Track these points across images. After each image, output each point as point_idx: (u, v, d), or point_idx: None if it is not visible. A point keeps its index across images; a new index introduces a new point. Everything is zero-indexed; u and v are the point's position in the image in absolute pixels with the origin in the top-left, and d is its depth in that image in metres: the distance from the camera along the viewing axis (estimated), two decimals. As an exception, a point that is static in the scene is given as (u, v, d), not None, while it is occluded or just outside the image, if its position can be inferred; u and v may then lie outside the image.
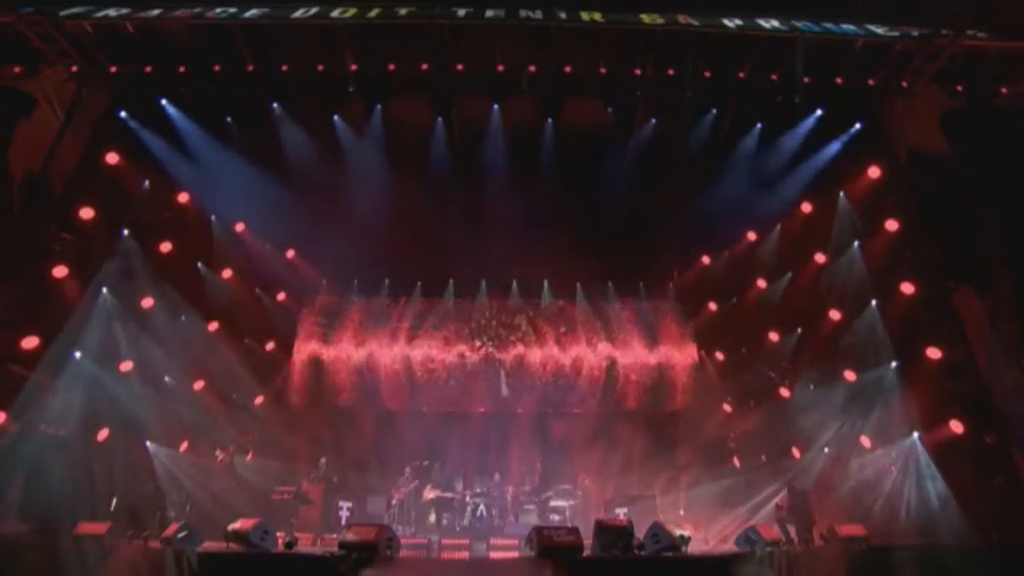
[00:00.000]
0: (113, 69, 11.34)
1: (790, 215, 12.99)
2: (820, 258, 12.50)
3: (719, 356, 13.92)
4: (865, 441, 10.81)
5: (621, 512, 11.34)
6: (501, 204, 12.96)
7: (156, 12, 10.99)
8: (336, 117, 12.47)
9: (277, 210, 12.56)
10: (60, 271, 10.32)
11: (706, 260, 14.25)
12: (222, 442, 11.63)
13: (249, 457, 12.08)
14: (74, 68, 11.11)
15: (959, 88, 11.03)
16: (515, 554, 9.72)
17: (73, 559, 7.77)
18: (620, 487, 12.53)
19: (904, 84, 11.46)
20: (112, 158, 11.31)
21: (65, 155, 10.86)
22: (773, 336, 13.21)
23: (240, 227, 13.17)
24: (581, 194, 13.26)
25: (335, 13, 11.14)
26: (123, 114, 11.54)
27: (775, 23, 11.31)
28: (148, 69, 11.42)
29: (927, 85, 11.35)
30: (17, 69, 10.98)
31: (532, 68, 11.72)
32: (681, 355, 14.13)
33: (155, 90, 11.60)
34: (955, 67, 11.11)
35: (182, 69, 11.52)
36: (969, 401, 9.98)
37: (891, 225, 11.41)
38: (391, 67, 11.76)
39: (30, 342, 9.74)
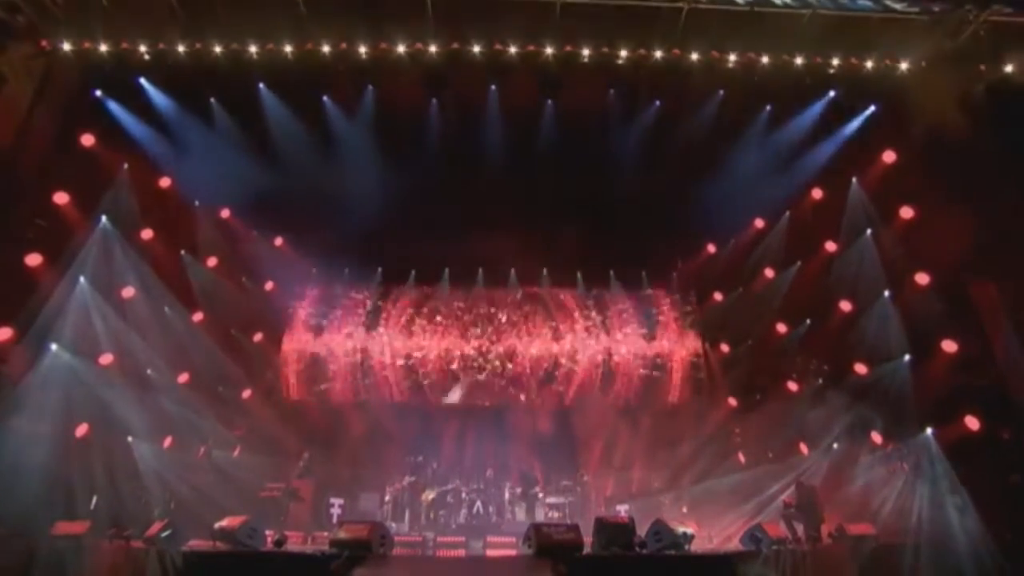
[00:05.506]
0: (86, 44, 10.79)
1: (799, 202, 12.68)
2: (831, 247, 12.20)
3: (724, 348, 13.61)
4: (876, 437, 10.53)
5: (622, 509, 11.16)
6: (498, 189, 12.60)
7: (132, -17, 10.42)
8: (325, 98, 12.05)
9: (264, 195, 12.17)
10: (34, 259, 9.99)
11: (711, 248, 13.93)
12: (206, 437, 11.30)
13: (236, 452, 11.71)
14: (44, 43, 10.59)
15: (982, 67, 10.53)
16: (513, 552, 9.49)
17: (51, 560, 7.48)
18: (621, 483, 12.28)
19: (923, 63, 11.01)
20: (88, 140, 10.92)
21: (37, 136, 10.43)
22: (780, 328, 12.92)
23: (225, 213, 12.80)
24: (581, 179, 12.87)
25: (324, -13, 10.62)
26: (98, 93, 11.09)
27: (787, -1, 10.79)
28: (124, 45, 10.87)
29: (947, 64, 10.86)
30: (-19, 43, 10.44)
31: (531, 47, 11.27)
32: (681, 347, 13.80)
33: (133, 68, 11.10)
34: (978, 44, 10.60)
35: (161, 45, 10.97)
36: (985, 396, 9.72)
37: (906, 212, 11.10)
38: (383, 45, 11.24)
39: (3, 333, 9.41)
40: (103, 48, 10.82)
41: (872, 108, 11.49)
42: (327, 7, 10.81)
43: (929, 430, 9.67)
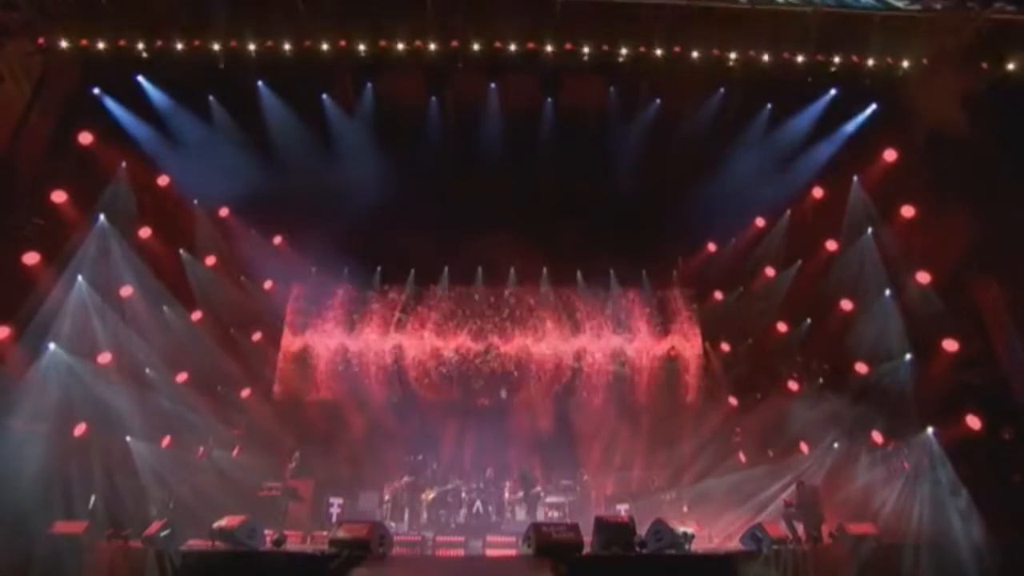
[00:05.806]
0: (84, 42, 10.71)
1: (800, 200, 12.65)
2: (831, 246, 12.15)
3: (724, 347, 13.55)
4: (877, 437, 10.49)
5: (622, 508, 11.11)
6: (498, 187, 12.55)
7: (130, -20, 10.36)
8: (325, 96, 12.00)
9: (263, 194, 12.10)
10: (31, 258, 9.93)
11: (712, 247, 13.84)
12: (205, 437, 11.25)
13: (235, 452, 11.66)
14: (40, 41, 10.52)
15: (984, 65, 10.47)
16: (512, 552, 9.44)
17: (49, 559, 7.46)
18: (621, 483, 12.22)
19: (924, 61, 10.95)
20: (85, 138, 10.85)
21: (34, 134, 10.38)
22: (781, 327, 12.87)
23: (224, 212, 12.73)
24: (581, 177, 12.82)
25: (323, -15, 10.55)
26: (96, 91, 11.02)
27: (789, -4, 10.73)
28: (122, 42, 10.79)
29: (949, 62, 10.80)
30: (-23, 42, 10.37)
31: (531, 44, 11.20)
32: (690, 346, 13.71)
33: (131, 65, 11.03)
34: (980, 42, 10.55)
35: (159, 43, 10.88)
36: (986, 395, 9.68)
37: (907, 211, 11.05)
38: (382, 43, 11.18)
39: (1, 332, 9.35)
40: (101, 45, 10.73)
41: (873, 106, 11.45)
42: (326, 5, 10.73)
43: (930, 429, 9.65)
